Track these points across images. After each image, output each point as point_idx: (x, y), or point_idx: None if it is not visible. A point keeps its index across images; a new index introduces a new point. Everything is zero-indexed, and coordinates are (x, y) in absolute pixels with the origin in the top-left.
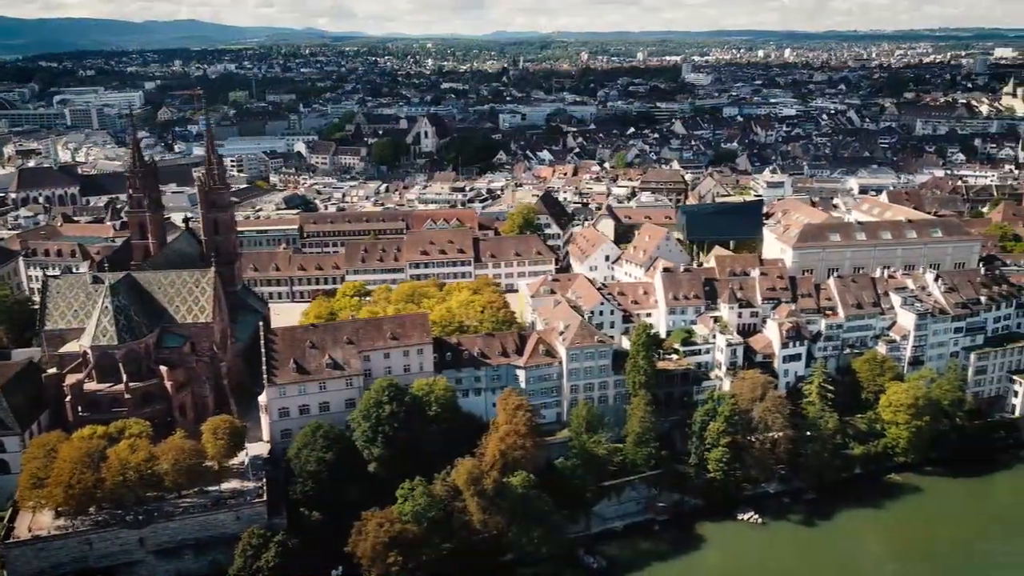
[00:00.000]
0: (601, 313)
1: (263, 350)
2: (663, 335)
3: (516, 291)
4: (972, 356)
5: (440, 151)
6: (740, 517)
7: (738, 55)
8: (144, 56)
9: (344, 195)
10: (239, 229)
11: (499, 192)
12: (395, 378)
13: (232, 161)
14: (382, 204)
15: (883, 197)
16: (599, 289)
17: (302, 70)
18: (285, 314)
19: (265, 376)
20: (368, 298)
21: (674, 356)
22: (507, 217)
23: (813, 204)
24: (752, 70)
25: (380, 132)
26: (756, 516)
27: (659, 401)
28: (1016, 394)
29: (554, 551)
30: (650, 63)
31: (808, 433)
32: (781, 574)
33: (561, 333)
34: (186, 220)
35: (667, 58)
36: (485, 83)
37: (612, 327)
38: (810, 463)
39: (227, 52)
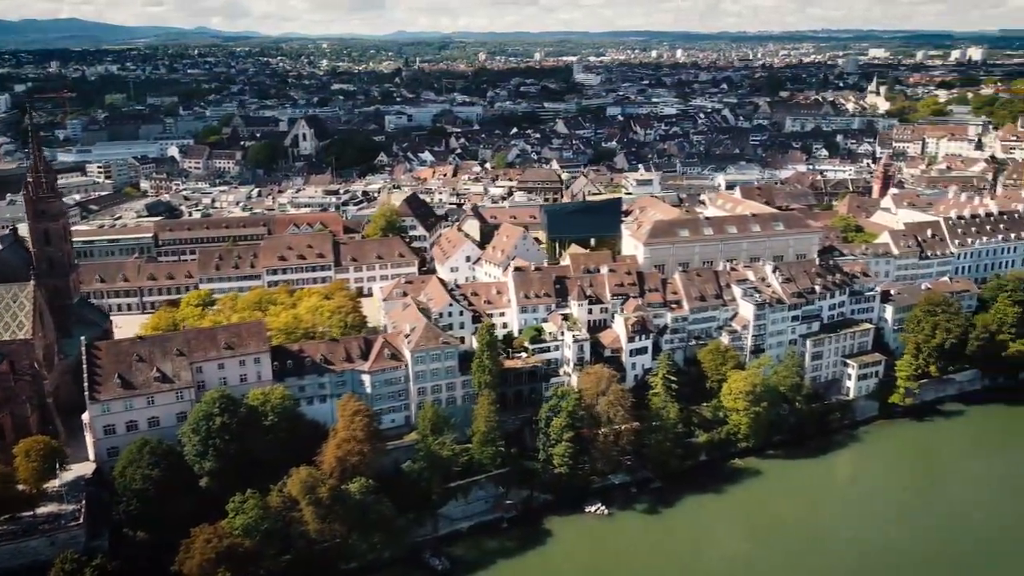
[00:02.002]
0: (450, 314)
1: (85, 365)
2: (516, 334)
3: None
4: (808, 343)
5: (319, 153)
6: (588, 510)
7: (632, 55)
8: (19, 56)
9: (213, 200)
10: (90, 238)
11: (375, 194)
12: (230, 389)
13: (99, 167)
14: (251, 209)
15: (737, 192)
16: (451, 290)
17: (189, 71)
18: (131, 327)
19: (87, 392)
20: (214, 307)
21: (523, 354)
22: (370, 220)
23: (681, 201)
24: (643, 70)
25: (258, 135)
26: (603, 508)
27: (508, 400)
28: (850, 377)
29: (398, 555)
30: (546, 63)
31: (655, 424)
32: (624, 562)
33: (407, 336)
34: (13, 229)
35: (564, 58)
36: (377, 84)
37: (462, 328)
38: (654, 453)
39: (110, 53)
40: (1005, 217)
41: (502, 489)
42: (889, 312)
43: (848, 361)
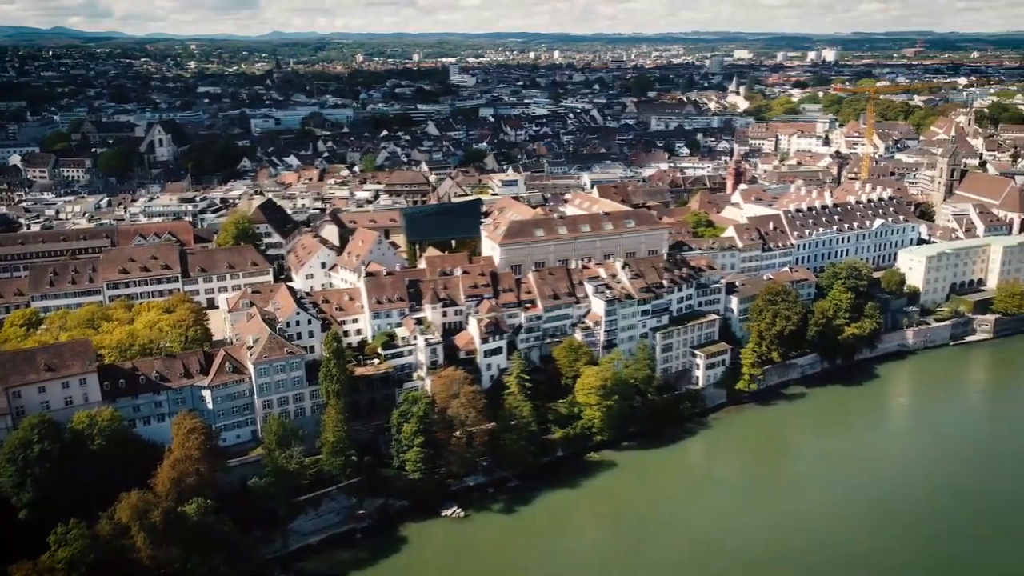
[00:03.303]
0: (298, 323)
1: None
2: (370, 340)
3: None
4: (658, 336)
5: (178, 159)
6: (444, 513)
7: (511, 57)
8: None
9: (58, 211)
10: None
11: (235, 201)
12: (53, 413)
13: None
14: (99, 220)
15: (594, 192)
16: (300, 298)
17: (42, 74)
18: None
19: None
20: (42, 327)
21: (376, 361)
22: (219, 228)
23: (545, 200)
24: (519, 71)
25: (111, 141)
26: (459, 510)
27: (360, 407)
28: (698, 367)
29: (244, 575)
30: (424, 65)
31: (511, 423)
32: (481, 562)
33: (249, 348)
34: None
35: (443, 60)
36: (247, 86)
37: (311, 336)
38: (510, 452)
39: None
40: (839, 209)
41: (355, 499)
42: (734, 303)
43: (696, 352)
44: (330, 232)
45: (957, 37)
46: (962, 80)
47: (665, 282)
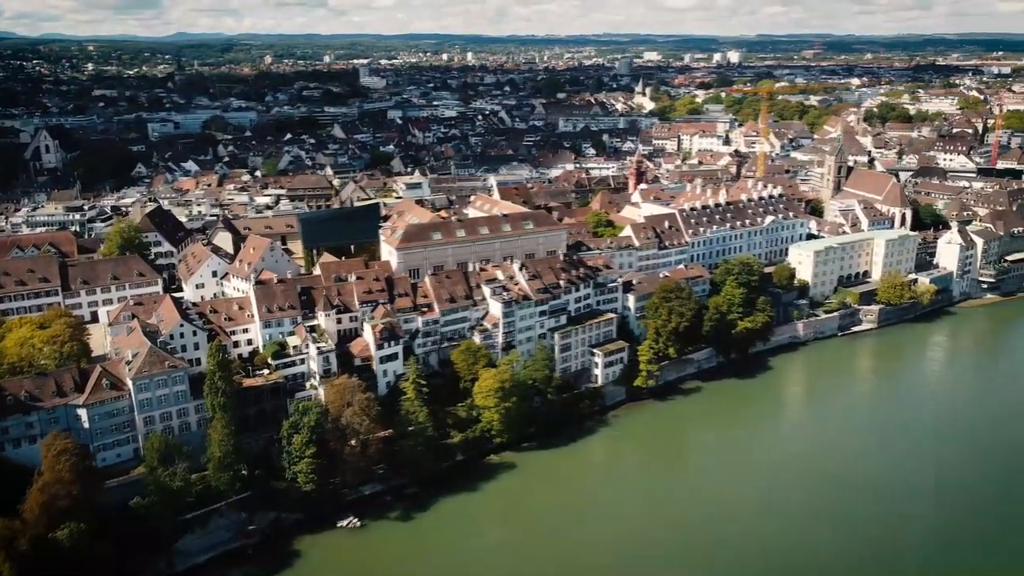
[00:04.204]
0: (182, 335)
1: None
2: (262, 350)
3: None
4: (557, 336)
5: (67, 166)
6: (340, 524)
7: (424, 58)
8: None
9: None
10: None
11: (127, 209)
12: None
13: None
14: None
15: (496, 194)
16: (186, 309)
17: None
18: None
19: None
20: None
21: (266, 371)
22: (104, 238)
23: (451, 203)
24: (432, 73)
25: None
26: (355, 520)
27: (250, 420)
28: (597, 365)
29: None
30: (336, 66)
31: (409, 429)
32: (377, 572)
33: (128, 363)
34: None
35: (355, 61)
36: (147, 89)
37: (196, 349)
38: (407, 459)
39: None
40: (732, 207)
41: (245, 514)
42: (631, 301)
43: (595, 350)
44: (224, 239)
45: (853, 40)
46: (855, 81)
47: (562, 282)
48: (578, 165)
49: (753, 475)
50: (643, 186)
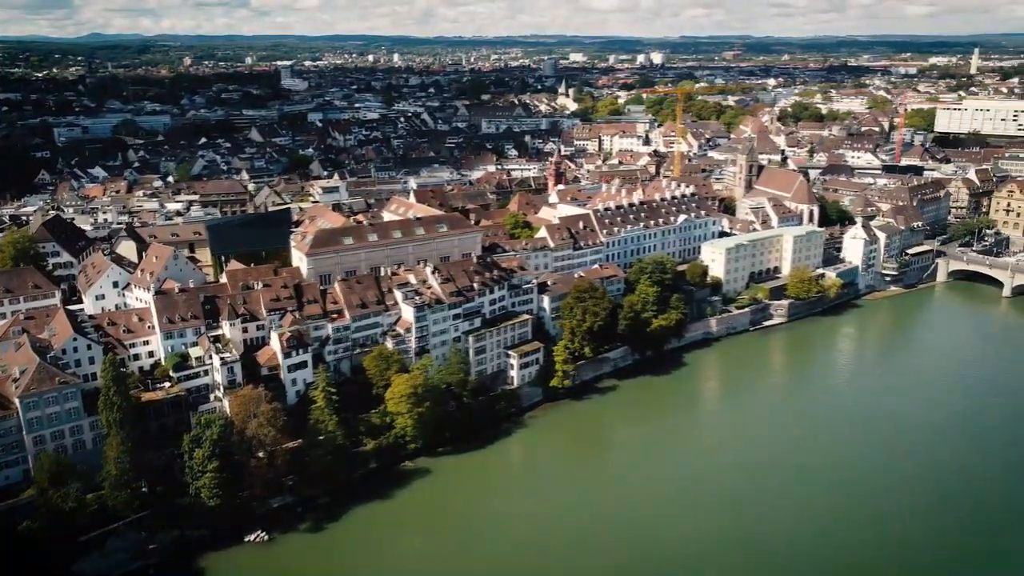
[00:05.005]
0: (75, 350)
1: None
2: (163, 362)
3: None
4: (471, 339)
5: None
6: (247, 539)
7: (349, 60)
8: None
9: None
10: None
11: (27, 219)
12: None
13: None
14: None
15: (412, 197)
16: (82, 322)
17: None
18: None
19: None
20: None
21: (167, 384)
22: None
23: (369, 206)
24: (356, 75)
25: None
26: (263, 534)
27: (151, 435)
28: (513, 367)
29: None
30: (259, 68)
31: (320, 438)
32: None
33: (15, 380)
34: None
35: (278, 63)
36: (56, 92)
37: (92, 363)
38: (317, 469)
39: None
40: (646, 207)
41: (145, 534)
42: (546, 302)
43: (510, 352)
44: (128, 248)
45: (772, 41)
46: (772, 81)
47: (476, 285)
48: (500, 167)
49: (670, 469)
50: (561, 187)
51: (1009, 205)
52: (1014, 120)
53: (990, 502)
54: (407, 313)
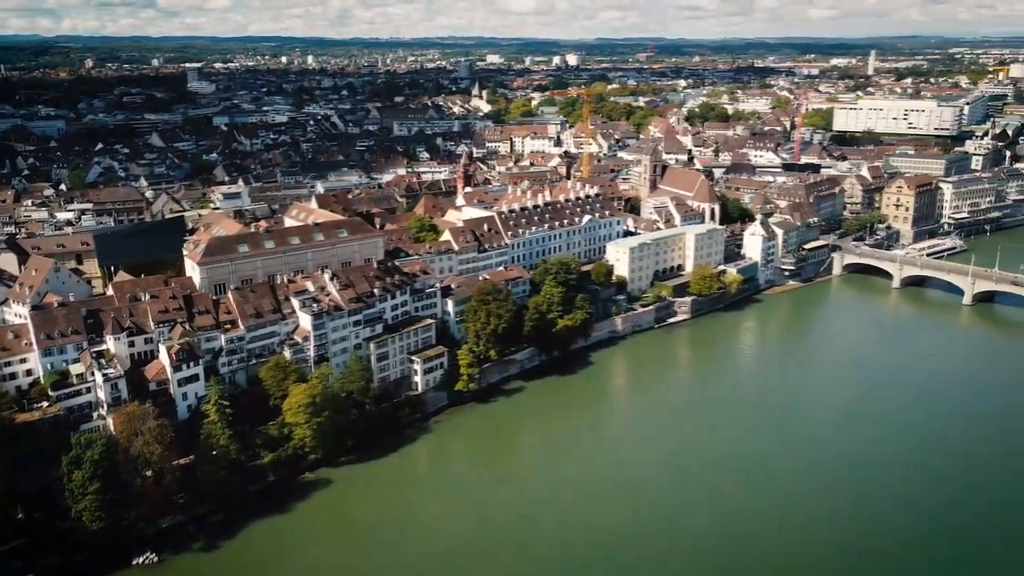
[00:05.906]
0: None
1: None
2: (41, 380)
3: None
4: (372, 345)
5: None
6: (135, 562)
7: (262, 61)
8: None
9: None
10: None
11: None
12: None
13: None
14: None
15: (313, 202)
16: None
17: None
18: None
19: None
20: None
21: (45, 403)
22: None
23: (273, 212)
24: (268, 77)
25: None
26: (152, 556)
27: (26, 458)
28: (417, 372)
29: None
30: (166, 70)
31: (213, 453)
32: None
33: None
34: None
35: (186, 65)
36: None
37: None
38: (210, 485)
39: None
40: (551, 208)
41: (21, 562)
42: (451, 306)
43: (414, 357)
44: (8, 261)
45: (684, 43)
46: (682, 82)
47: (376, 290)
48: (410, 169)
49: (578, 469)
50: (469, 189)
51: (898, 200)
52: (905, 119)
53: (887, 484)
54: (305, 321)
